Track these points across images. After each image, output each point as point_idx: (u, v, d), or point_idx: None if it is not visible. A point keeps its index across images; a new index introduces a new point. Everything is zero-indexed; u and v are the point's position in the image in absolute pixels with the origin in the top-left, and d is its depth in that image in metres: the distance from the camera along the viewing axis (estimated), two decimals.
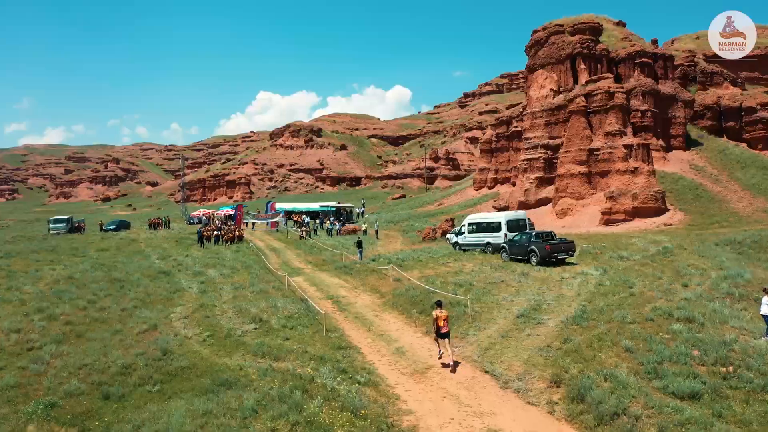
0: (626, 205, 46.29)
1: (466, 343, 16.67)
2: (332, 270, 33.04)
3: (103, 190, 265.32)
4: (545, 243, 28.81)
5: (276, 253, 43.34)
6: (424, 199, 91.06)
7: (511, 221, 35.02)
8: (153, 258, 40.33)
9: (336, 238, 51.99)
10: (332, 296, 24.83)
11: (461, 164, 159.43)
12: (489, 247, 35.67)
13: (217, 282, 29.58)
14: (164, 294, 26.14)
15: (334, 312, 21.69)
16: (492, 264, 30.58)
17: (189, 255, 41.26)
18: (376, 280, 28.46)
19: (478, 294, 22.44)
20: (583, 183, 50.96)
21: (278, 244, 49.55)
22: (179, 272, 33.08)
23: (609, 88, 51.84)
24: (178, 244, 49.18)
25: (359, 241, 37.97)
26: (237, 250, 44.44)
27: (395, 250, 44.20)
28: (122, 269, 33.67)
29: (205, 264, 36.18)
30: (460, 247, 38.34)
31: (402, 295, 23.62)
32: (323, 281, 29.16)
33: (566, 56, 59.85)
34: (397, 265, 31.83)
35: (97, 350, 17.44)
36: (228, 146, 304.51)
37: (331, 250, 42.22)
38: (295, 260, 39.17)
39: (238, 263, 36.64)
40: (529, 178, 57.60)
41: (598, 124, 51.79)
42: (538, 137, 58.43)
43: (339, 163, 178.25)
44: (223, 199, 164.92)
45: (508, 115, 75.43)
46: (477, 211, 66.53)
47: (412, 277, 27.02)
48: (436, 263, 32.89)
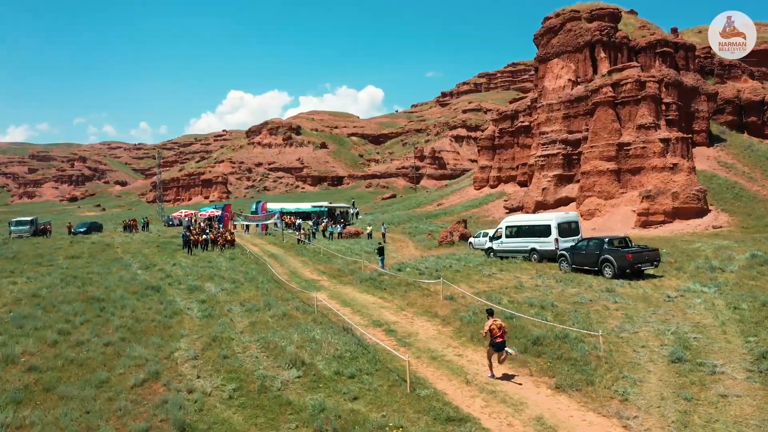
0: (665, 206, 41.81)
1: (631, 406, 11.41)
2: (357, 283, 27.57)
3: (70, 190, 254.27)
4: (624, 251, 23.79)
5: (277, 261, 37.64)
6: (419, 199, 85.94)
7: (563, 224, 30.04)
8: (134, 267, 34.31)
9: (338, 243, 46.40)
10: (379, 322, 19.38)
11: (447, 163, 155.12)
12: (534, 254, 30.65)
13: (221, 300, 23.89)
14: (158, 319, 20.39)
15: (394, 346, 16.28)
16: (554, 276, 25.53)
17: (177, 263, 35.34)
18: (421, 297, 23.10)
19: (580, 321, 17.27)
20: (612, 181, 46.39)
21: (275, 250, 43.81)
22: (171, 287, 27.25)
23: (639, 77, 47.34)
24: (160, 250, 43.08)
25: (380, 248, 32.61)
26: (231, 257, 38.64)
27: (412, 256, 38.96)
28: (100, 283, 27.70)
29: (198, 275, 30.37)
30: (495, 253, 33.25)
31: (472, 322, 18.31)
32: (354, 299, 23.67)
33: (585, 44, 55.33)
34: (432, 277, 26.68)
35: (76, 421, 11.79)
36: (200, 145, 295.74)
37: (341, 257, 36.73)
38: (304, 270, 33.55)
39: (238, 274, 30.92)
40: (547, 176, 52.88)
41: (627, 117, 47.27)
42: (555, 131, 53.75)
43: (320, 161, 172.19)
44: (198, 199, 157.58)
45: (512, 109, 70.71)
46: (485, 211, 61.67)
47: (466, 293, 21.86)
48: (479, 274, 27.76)
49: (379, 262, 32.23)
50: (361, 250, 40.66)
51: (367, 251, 40.12)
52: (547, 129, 54.41)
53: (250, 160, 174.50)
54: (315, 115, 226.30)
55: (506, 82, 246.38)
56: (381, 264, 32.09)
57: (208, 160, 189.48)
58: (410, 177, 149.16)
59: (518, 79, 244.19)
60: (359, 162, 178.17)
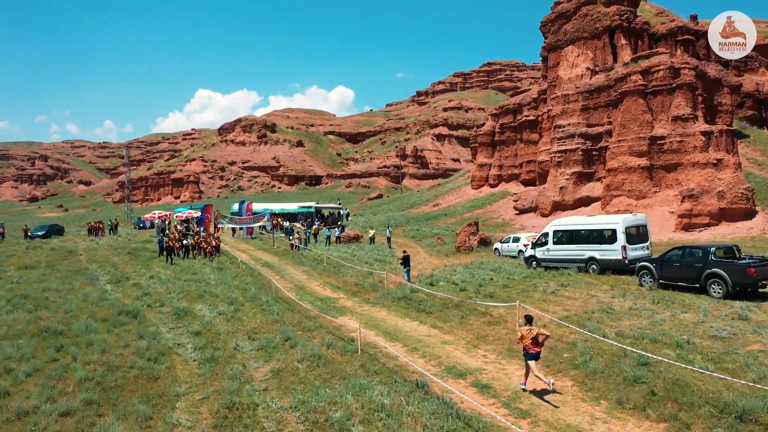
0: (710, 206, 37.25)
1: None
2: (389, 303, 21.99)
3: (30, 190, 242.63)
4: (742, 264, 18.71)
5: (275, 271, 31.81)
6: (411, 199, 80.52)
7: (630, 228, 24.94)
8: (102, 281, 28.17)
9: (338, 249, 40.65)
10: (457, 370, 13.85)
11: (429, 162, 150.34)
12: (593, 264, 25.50)
13: (221, 332, 18.09)
14: (140, 365, 14.56)
15: (507, 418, 10.79)
16: (639, 294, 20.40)
17: (154, 276, 29.26)
18: (487, 325, 17.68)
19: (761, 372, 12.03)
20: (644, 179, 41.69)
21: (268, 257, 37.93)
22: (151, 310, 21.32)
23: (673, 63, 42.68)
24: (133, 258, 36.84)
25: (406, 257, 27.03)
26: (219, 266, 32.65)
27: (430, 264, 33.60)
28: (58, 306, 21.61)
29: (184, 293, 24.42)
30: (539, 263, 28.03)
31: (603, 374, 12.90)
32: (399, 329, 18.08)
33: (603, 29, 50.70)
34: (479, 294, 21.44)
35: None
36: (168, 144, 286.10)
37: (351, 266, 31.08)
38: (312, 284, 27.80)
39: (234, 290, 25.07)
40: (565, 174, 48.02)
41: (659, 107, 42.60)
42: (573, 125, 48.90)
43: (296, 160, 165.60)
44: (168, 199, 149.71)
45: (515, 103, 65.82)
46: (490, 213, 56.63)
47: (543, 317, 16.62)
48: (537, 290, 22.56)
49: (405, 275, 26.75)
50: (369, 258, 35.09)
51: (377, 259, 34.58)
52: (563, 122, 49.52)
53: (223, 159, 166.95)
54: (290, 112, 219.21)
55: (482, 81, 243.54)
56: (407, 276, 26.62)
57: (178, 158, 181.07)
58: (392, 176, 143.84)
59: (494, 78, 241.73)
60: (337, 161, 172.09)
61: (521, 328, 12.47)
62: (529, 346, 12.00)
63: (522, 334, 12.20)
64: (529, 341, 12.00)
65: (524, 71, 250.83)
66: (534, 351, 12.01)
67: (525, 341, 12.07)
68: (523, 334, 12.17)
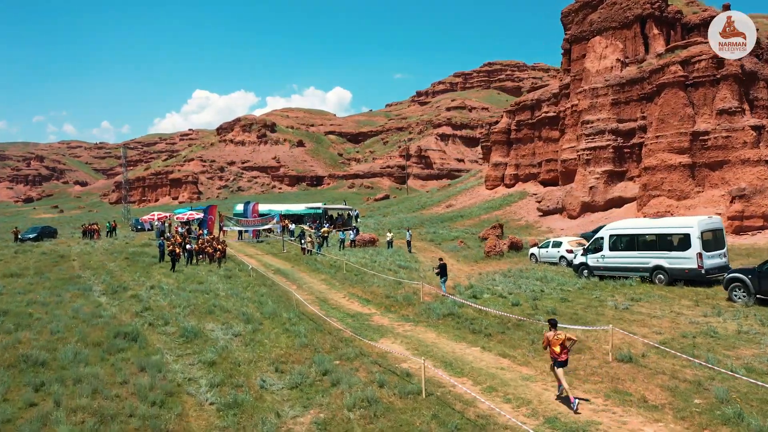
0: (765, 208, 34.03)
1: None
2: (434, 321, 18.72)
3: (26, 191, 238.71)
4: None
5: (289, 280, 28.50)
6: (421, 200, 77.20)
7: (706, 232, 21.68)
8: (97, 292, 24.82)
9: (354, 253, 37.27)
10: (572, 429, 10.47)
11: (433, 162, 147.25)
12: (660, 273, 22.24)
13: (240, 361, 14.77)
14: (142, 413, 11.23)
15: None
16: (739, 312, 17.14)
17: (155, 285, 25.89)
18: (570, 355, 14.35)
19: None
20: (685, 177, 38.49)
21: (279, 263, 34.61)
22: (153, 330, 17.98)
23: (716, 53, 39.42)
24: (131, 264, 33.49)
25: (443, 265, 23.73)
26: (227, 274, 29.29)
27: (461, 272, 30.36)
28: (43, 324, 18.28)
29: (191, 307, 21.08)
30: (591, 272, 24.77)
31: None
32: (458, 357, 14.79)
33: (634, 18, 47.55)
34: (537, 311, 18.28)
35: None
36: (165, 144, 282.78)
37: (374, 274, 27.77)
38: (335, 295, 24.48)
39: (248, 304, 21.75)
40: (595, 173, 44.80)
41: (701, 101, 39.41)
42: (602, 120, 45.69)
43: (297, 160, 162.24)
44: (166, 200, 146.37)
45: (533, 99, 62.59)
46: (511, 214, 53.37)
47: (641, 344, 13.41)
48: (601, 305, 19.34)
49: (441, 285, 23.46)
50: (392, 264, 31.75)
51: (401, 266, 31.26)
52: (591, 117, 46.29)
53: (222, 159, 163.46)
54: (289, 112, 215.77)
55: (483, 81, 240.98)
56: (443, 287, 23.33)
57: (176, 158, 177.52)
58: (396, 177, 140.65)
59: (495, 78, 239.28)
60: (339, 161, 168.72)
61: (547, 334, 11.53)
62: (557, 353, 11.21)
63: (549, 340, 11.32)
64: (558, 347, 11.20)
65: (525, 71, 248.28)
66: (563, 358, 11.28)
67: (553, 348, 11.23)
68: (550, 339, 11.29)
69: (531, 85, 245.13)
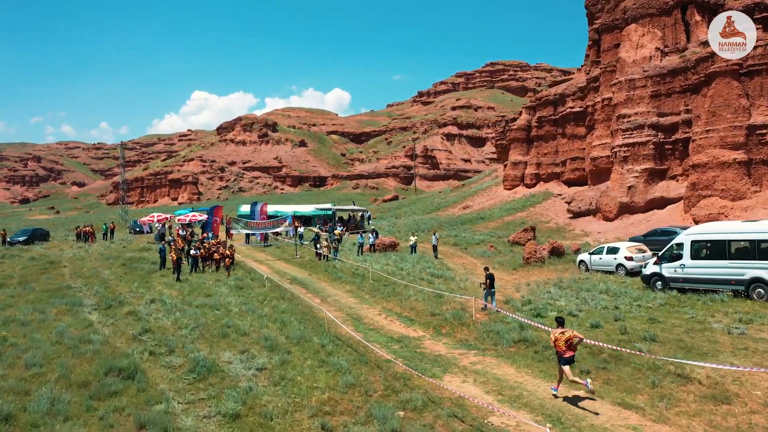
0: None
1: None
2: (504, 350, 15.08)
3: (22, 191, 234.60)
4: None
5: (310, 291, 24.89)
6: (435, 201, 73.48)
7: None
8: (88, 307, 21.19)
9: (376, 259, 33.60)
10: None
11: (440, 163, 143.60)
12: (760, 287, 18.62)
13: (272, 412, 11.09)
14: None
15: None
16: None
17: (156, 299, 22.22)
18: (711, 404, 10.79)
19: None
20: (741, 176, 34.93)
21: (294, 270, 30.97)
22: (155, 361, 14.37)
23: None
24: (128, 272, 29.83)
25: (490, 276, 20.13)
26: (238, 284, 25.59)
27: (500, 280, 26.65)
28: (19, 352, 14.84)
29: (200, 327, 17.47)
30: (667, 284, 21.15)
31: None
32: (570, 412, 11.15)
33: (674, 4, 44.04)
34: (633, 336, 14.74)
35: None
36: (164, 145, 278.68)
37: (406, 284, 24.14)
38: (369, 312, 20.80)
39: (267, 323, 18.13)
40: (633, 171, 41.20)
41: (757, 91, 35.82)
42: (641, 114, 42.08)
43: (299, 160, 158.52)
44: (165, 201, 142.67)
45: (556, 93, 58.98)
46: (537, 216, 49.75)
47: None
48: (713, 330, 15.64)
49: (490, 299, 19.85)
50: (422, 273, 28.13)
51: (434, 274, 27.61)
52: (628, 111, 42.65)
53: (223, 159, 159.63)
54: (291, 111, 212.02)
55: (485, 81, 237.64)
56: (492, 300, 19.72)
57: (176, 158, 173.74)
58: (402, 177, 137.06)
59: (497, 78, 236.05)
60: (342, 161, 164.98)
61: (554, 331, 11.85)
62: (563, 350, 11.47)
63: (555, 338, 11.63)
64: (563, 345, 11.47)
65: (528, 71, 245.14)
66: (568, 355, 11.49)
67: (558, 345, 11.53)
68: (557, 337, 11.61)
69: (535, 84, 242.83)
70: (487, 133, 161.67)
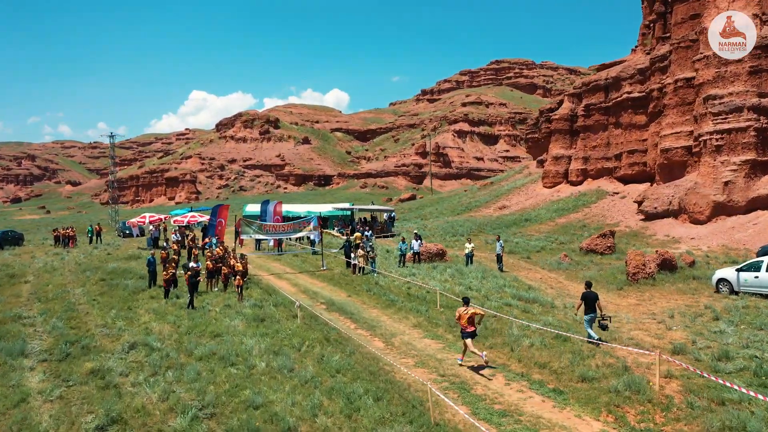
0: None
1: None
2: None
3: (16, 191, 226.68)
4: None
5: (359, 324, 17.50)
6: (463, 200, 65.94)
7: None
8: (32, 358, 13.77)
9: (427, 273, 26.16)
10: None
11: (452, 161, 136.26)
12: None
13: None
14: None
15: None
16: None
17: (139, 343, 14.77)
18: None
19: None
20: None
21: (325, 289, 23.55)
22: None
23: None
24: (107, 290, 22.40)
25: (591, 296, 13.01)
26: (258, 314, 17.99)
27: (612, 306, 19.34)
28: None
29: (208, 409, 9.98)
30: None
31: None
32: None
33: None
34: None
35: None
36: (161, 144, 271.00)
37: (510, 318, 16.79)
38: (473, 368, 13.33)
39: (322, 400, 10.66)
40: (730, 163, 33.94)
41: None
42: (738, 95, 34.84)
43: (303, 158, 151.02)
44: (162, 200, 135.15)
45: (609, 76, 51.65)
46: (593, 218, 42.56)
47: None
48: None
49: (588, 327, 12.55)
50: (500, 294, 20.75)
51: (517, 296, 20.27)
52: (720, 92, 35.35)
53: (222, 156, 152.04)
54: (293, 108, 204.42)
55: (490, 79, 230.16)
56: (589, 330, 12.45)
57: (173, 155, 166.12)
58: (412, 176, 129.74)
59: (503, 76, 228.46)
60: (348, 159, 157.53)
61: (459, 309, 13.07)
62: (465, 325, 12.72)
63: (459, 314, 12.87)
64: (466, 321, 12.69)
65: (533, 69, 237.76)
66: (470, 330, 12.74)
67: (462, 321, 12.77)
68: (461, 314, 12.83)
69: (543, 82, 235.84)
70: (500, 130, 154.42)
